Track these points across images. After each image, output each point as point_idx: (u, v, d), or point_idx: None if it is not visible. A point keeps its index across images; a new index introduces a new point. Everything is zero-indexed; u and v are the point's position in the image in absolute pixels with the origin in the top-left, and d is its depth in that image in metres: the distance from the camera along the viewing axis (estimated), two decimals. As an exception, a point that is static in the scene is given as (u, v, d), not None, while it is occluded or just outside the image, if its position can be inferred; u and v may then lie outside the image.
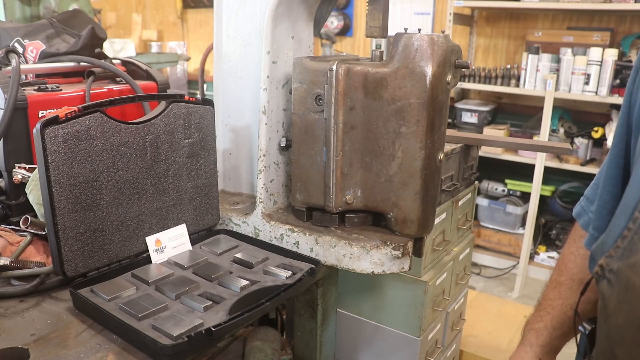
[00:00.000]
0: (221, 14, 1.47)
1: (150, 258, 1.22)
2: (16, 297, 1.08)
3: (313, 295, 1.42)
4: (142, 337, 0.92)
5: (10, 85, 1.21)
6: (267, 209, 1.41)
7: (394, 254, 1.22)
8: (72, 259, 1.08)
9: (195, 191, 1.33)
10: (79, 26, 1.73)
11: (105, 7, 5.71)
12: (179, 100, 1.26)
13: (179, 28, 6.17)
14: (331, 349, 1.52)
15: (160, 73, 1.63)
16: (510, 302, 3.19)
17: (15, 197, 1.26)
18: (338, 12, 4.98)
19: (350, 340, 2.14)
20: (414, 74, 1.15)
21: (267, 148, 1.39)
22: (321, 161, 1.28)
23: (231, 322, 0.96)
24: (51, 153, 1.02)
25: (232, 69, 1.49)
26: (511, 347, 2.54)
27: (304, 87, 1.26)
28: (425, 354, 2.02)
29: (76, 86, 1.44)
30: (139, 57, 3.52)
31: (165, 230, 1.26)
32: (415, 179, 1.20)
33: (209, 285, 1.14)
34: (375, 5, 1.25)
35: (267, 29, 1.33)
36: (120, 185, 1.15)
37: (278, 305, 1.56)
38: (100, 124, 1.10)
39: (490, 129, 4.09)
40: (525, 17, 4.22)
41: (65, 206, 1.05)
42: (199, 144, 1.31)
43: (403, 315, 1.96)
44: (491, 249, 4.27)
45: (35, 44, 1.62)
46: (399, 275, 1.90)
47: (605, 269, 0.71)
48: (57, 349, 0.92)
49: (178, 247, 1.28)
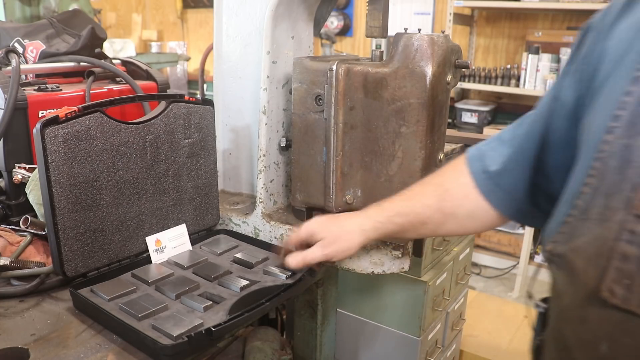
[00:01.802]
0: (221, 14, 1.47)
1: (150, 258, 1.22)
2: (16, 297, 1.08)
3: (313, 295, 1.42)
4: (142, 337, 0.92)
5: (10, 85, 1.21)
6: (267, 209, 1.41)
7: (394, 254, 1.22)
8: (72, 259, 1.08)
9: (195, 191, 1.33)
10: (79, 26, 1.73)
11: (105, 7, 5.71)
12: (179, 100, 1.26)
13: (179, 28, 6.17)
14: (331, 349, 1.52)
15: (160, 73, 1.63)
16: (510, 302, 3.18)
17: (15, 197, 1.26)
18: (338, 12, 4.98)
19: (350, 340, 2.13)
20: (414, 74, 1.15)
21: (267, 148, 1.39)
22: (321, 161, 1.28)
23: (231, 322, 0.97)
24: (51, 153, 1.02)
25: (232, 69, 1.49)
26: (511, 347, 2.54)
27: (304, 87, 1.26)
28: (425, 354, 2.02)
29: (76, 86, 1.44)
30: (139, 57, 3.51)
31: (165, 230, 1.26)
32: (415, 179, 1.20)
33: (209, 285, 1.14)
34: (375, 5, 1.25)
35: (267, 29, 1.33)
36: (120, 185, 1.15)
37: (278, 305, 1.56)
38: (100, 124, 1.10)
39: (490, 129, 4.09)
40: (525, 17, 4.22)
41: (65, 206, 1.05)
42: (199, 144, 1.31)
43: (403, 316, 1.96)
44: (491, 249, 4.27)
45: (35, 44, 1.62)
46: (399, 275, 1.90)
47: (553, 253, 0.75)
48: (57, 349, 0.92)
49: (178, 247, 1.28)
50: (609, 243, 0.65)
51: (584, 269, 0.68)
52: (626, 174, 0.65)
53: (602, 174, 0.67)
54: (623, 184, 0.65)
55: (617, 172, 0.65)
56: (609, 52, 0.74)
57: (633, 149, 0.64)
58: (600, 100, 0.73)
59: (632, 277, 0.62)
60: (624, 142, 0.65)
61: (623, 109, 0.66)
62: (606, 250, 0.65)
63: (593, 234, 0.67)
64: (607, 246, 0.65)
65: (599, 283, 0.65)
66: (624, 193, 0.64)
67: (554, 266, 0.75)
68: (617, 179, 0.65)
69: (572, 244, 0.70)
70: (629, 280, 0.62)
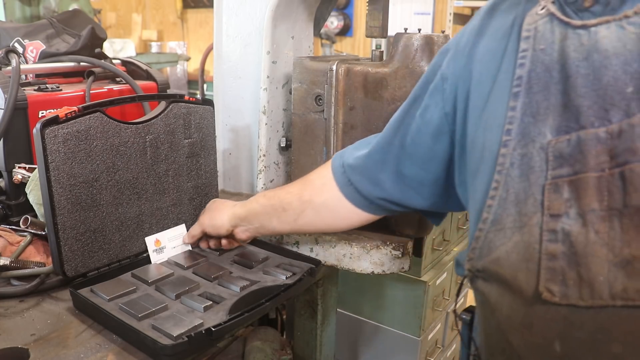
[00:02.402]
0: (221, 14, 1.47)
1: (150, 258, 1.22)
2: (16, 297, 1.08)
3: (313, 295, 1.42)
4: (142, 337, 0.92)
5: (10, 85, 1.21)
6: (267, 209, 1.41)
7: (394, 254, 1.22)
8: (72, 259, 1.08)
9: (195, 191, 1.33)
10: (79, 26, 1.73)
11: (105, 7, 5.71)
12: (179, 100, 1.26)
13: (179, 28, 6.17)
14: (331, 349, 1.52)
15: (160, 73, 1.63)
16: (510, 302, 3.18)
17: (15, 197, 1.26)
18: (338, 12, 4.98)
19: (350, 340, 2.14)
20: (414, 74, 1.15)
21: (267, 148, 1.39)
22: (321, 161, 1.28)
23: (231, 322, 0.96)
24: (51, 153, 1.02)
25: (232, 69, 1.49)
26: (511, 347, 2.54)
27: (304, 87, 1.26)
28: (425, 354, 2.02)
29: (76, 86, 1.44)
30: (139, 57, 3.51)
31: (164, 231, 1.26)
32: (415, 179, 1.20)
33: (209, 285, 1.14)
34: (375, 5, 1.25)
35: (267, 29, 1.33)
36: (120, 185, 1.15)
37: (278, 305, 1.56)
38: (101, 124, 1.10)
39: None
40: (525, 17, 4.22)
41: (65, 206, 1.05)
42: (199, 144, 1.31)
43: (403, 315, 1.96)
44: (491, 249, 4.27)
45: (35, 44, 1.62)
46: (399, 275, 1.90)
47: (473, 270, 0.77)
48: (57, 349, 0.92)
49: (177, 247, 1.28)
50: (534, 246, 0.67)
51: (513, 276, 0.70)
52: (531, 179, 0.68)
53: (505, 185, 0.71)
54: (531, 189, 0.68)
55: (522, 180, 0.69)
56: (474, 74, 0.81)
57: (530, 156, 0.68)
58: (485, 117, 0.77)
59: (564, 272, 0.65)
60: (519, 152, 0.69)
61: (511, 122, 0.71)
62: (532, 254, 0.67)
63: (512, 242, 0.70)
64: (532, 249, 0.67)
65: (536, 286, 0.67)
66: (535, 196, 0.67)
67: (480, 281, 0.77)
68: (524, 185, 0.69)
69: (491, 256, 0.73)
70: (561, 276, 0.65)
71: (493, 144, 0.74)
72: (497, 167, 0.72)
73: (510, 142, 0.71)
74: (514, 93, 0.71)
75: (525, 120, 0.70)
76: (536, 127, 0.68)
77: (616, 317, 0.63)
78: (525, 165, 0.69)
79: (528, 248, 0.68)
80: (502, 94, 0.74)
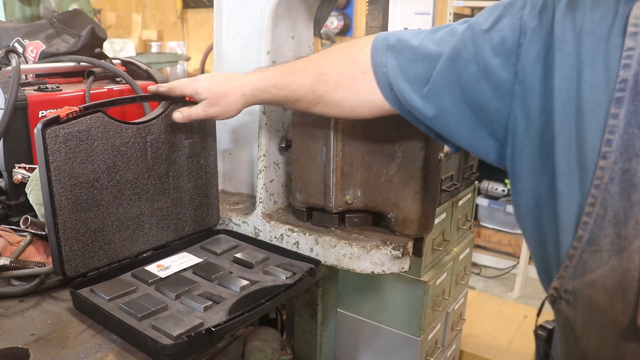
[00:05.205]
0: (221, 14, 1.47)
1: (149, 259, 1.22)
2: (16, 297, 1.08)
3: (313, 295, 1.42)
4: (142, 337, 0.92)
5: (10, 85, 1.21)
6: (267, 209, 1.41)
7: (394, 254, 1.22)
8: (72, 259, 1.08)
9: (195, 191, 1.33)
10: (79, 26, 1.73)
11: (105, 7, 5.71)
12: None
13: (179, 28, 6.16)
14: (331, 349, 1.53)
15: (160, 73, 1.63)
16: (510, 302, 3.19)
17: (15, 197, 1.27)
18: (338, 12, 4.98)
19: (350, 340, 2.14)
20: (414, 74, 1.14)
21: (267, 148, 1.39)
22: (321, 161, 1.28)
23: (231, 322, 0.97)
24: (52, 153, 1.02)
25: (232, 69, 1.49)
26: (511, 347, 2.55)
27: (304, 87, 1.26)
28: (425, 354, 2.02)
29: (76, 86, 1.44)
30: (139, 57, 3.51)
31: (167, 258, 1.24)
32: (415, 179, 1.20)
33: (209, 285, 1.14)
34: (375, 5, 1.25)
35: (267, 29, 1.33)
36: (120, 186, 1.15)
37: (278, 305, 1.56)
38: (101, 124, 1.10)
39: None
40: (525, 17, 4.22)
41: (65, 206, 1.05)
42: (199, 144, 1.32)
43: (403, 315, 1.96)
44: (491, 249, 4.27)
45: (35, 44, 1.63)
46: (399, 275, 1.90)
47: (560, 290, 0.71)
48: (57, 349, 0.92)
49: (184, 263, 1.23)
50: (632, 273, 0.61)
51: (609, 303, 0.64)
52: (633, 199, 0.62)
53: (603, 202, 0.64)
54: (632, 209, 0.62)
55: (622, 198, 0.63)
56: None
57: (633, 173, 0.62)
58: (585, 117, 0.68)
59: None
60: (620, 166, 0.63)
61: (612, 132, 0.64)
62: (631, 282, 0.61)
63: (610, 266, 0.64)
64: (631, 277, 0.62)
65: (633, 318, 0.61)
66: (636, 218, 0.62)
67: (564, 304, 0.70)
68: (624, 205, 0.63)
69: (586, 278, 0.66)
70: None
71: (590, 152, 0.66)
72: (594, 180, 0.65)
73: (610, 155, 0.63)
74: (617, 98, 0.63)
75: (629, 132, 0.62)
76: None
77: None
78: (627, 183, 0.62)
79: (626, 275, 0.62)
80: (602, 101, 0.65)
